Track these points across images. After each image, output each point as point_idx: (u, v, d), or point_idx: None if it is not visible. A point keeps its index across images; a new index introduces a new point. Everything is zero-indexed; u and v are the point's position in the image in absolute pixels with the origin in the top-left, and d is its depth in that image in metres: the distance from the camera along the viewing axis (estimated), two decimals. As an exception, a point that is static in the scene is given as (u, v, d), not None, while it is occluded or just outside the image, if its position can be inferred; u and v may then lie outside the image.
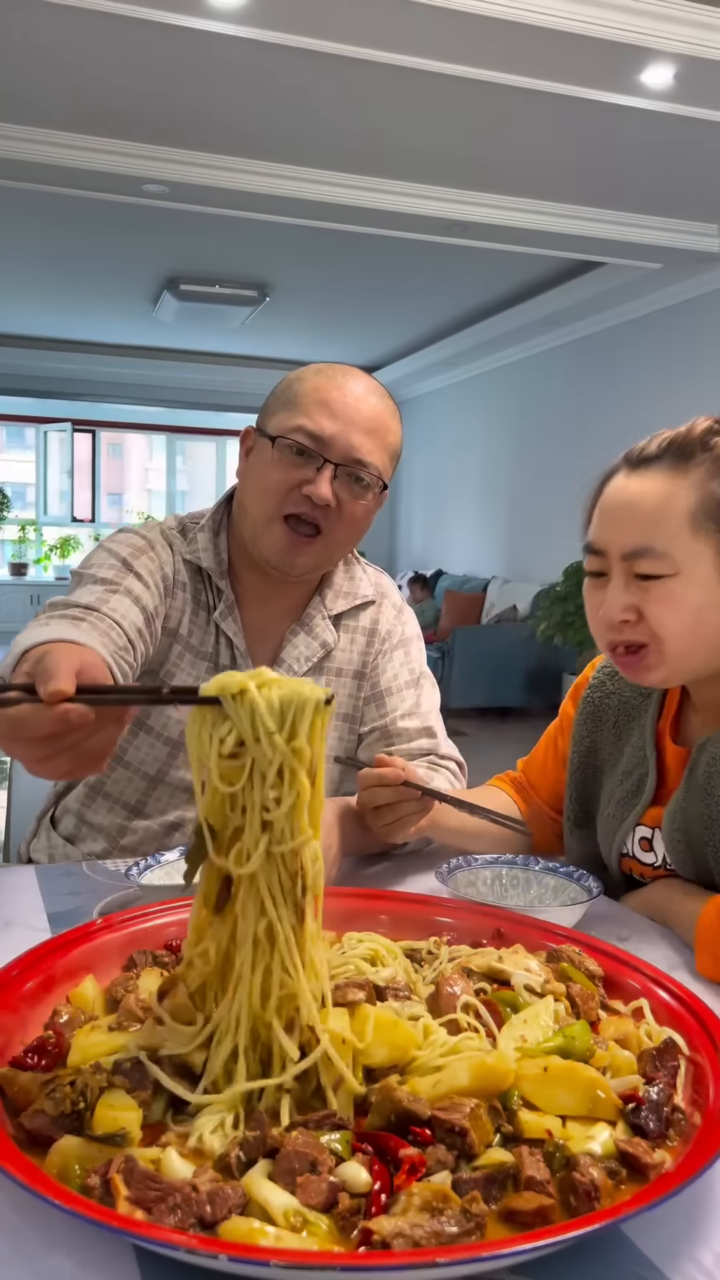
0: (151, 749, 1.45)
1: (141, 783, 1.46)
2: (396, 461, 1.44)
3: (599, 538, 1.15)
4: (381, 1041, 0.72)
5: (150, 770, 1.45)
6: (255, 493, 1.39)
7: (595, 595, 1.16)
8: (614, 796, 1.28)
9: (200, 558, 1.44)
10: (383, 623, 1.54)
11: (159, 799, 1.46)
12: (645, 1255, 0.61)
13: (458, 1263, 0.53)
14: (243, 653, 1.44)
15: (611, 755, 1.32)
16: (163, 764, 1.45)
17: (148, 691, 0.84)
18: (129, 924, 0.95)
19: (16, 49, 3.91)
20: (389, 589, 1.59)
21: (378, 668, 1.52)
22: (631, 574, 1.10)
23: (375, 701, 1.51)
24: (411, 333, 9.13)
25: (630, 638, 1.11)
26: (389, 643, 1.53)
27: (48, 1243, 0.59)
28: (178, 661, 1.42)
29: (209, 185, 5.08)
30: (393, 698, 1.50)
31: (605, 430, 7.32)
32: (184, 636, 1.43)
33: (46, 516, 11.88)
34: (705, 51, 3.79)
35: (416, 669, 1.54)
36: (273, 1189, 0.60)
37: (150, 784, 1.45)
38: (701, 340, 6.47)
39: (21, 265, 7.32)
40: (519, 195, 5.43)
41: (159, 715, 1.43)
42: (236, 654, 1.44)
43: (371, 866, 1.32)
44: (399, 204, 5.33)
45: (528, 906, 1.11)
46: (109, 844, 1.47)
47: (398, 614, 1.57)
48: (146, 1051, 0.71)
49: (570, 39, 3.68)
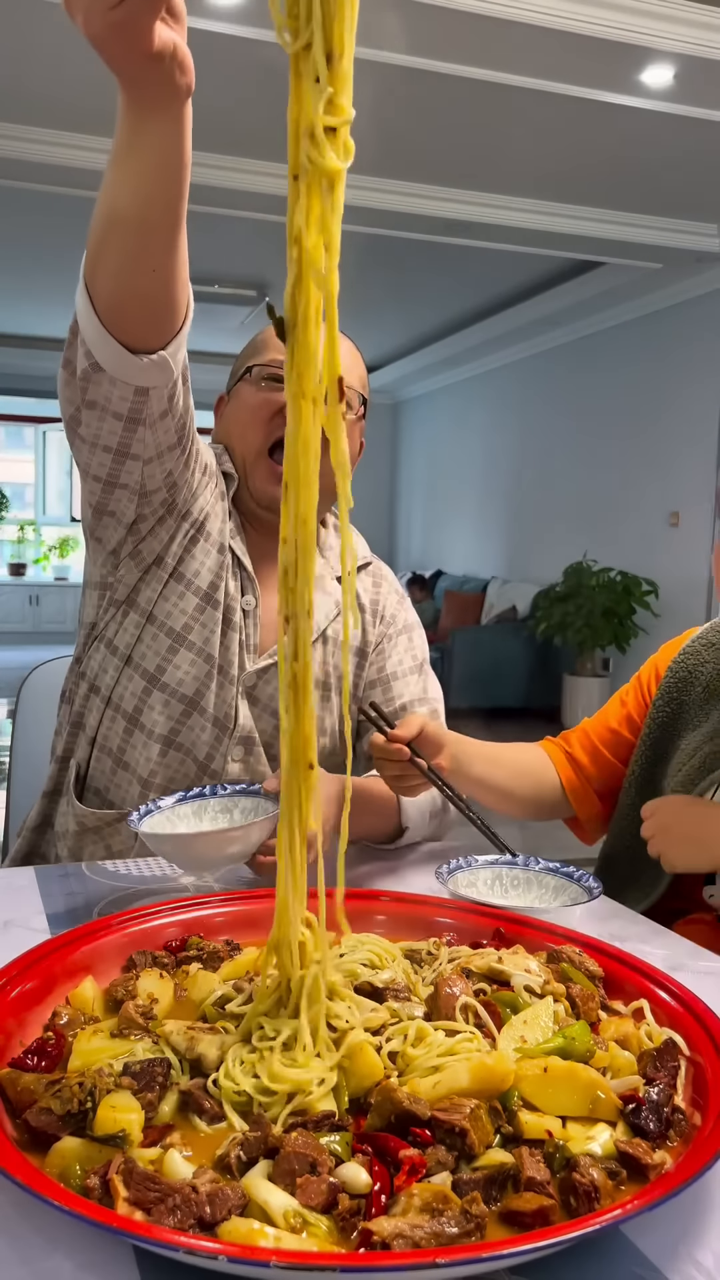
0: (166, 708, 1.41)
1: (156, 745, 1.42)
2: (362, 400, 1.44)
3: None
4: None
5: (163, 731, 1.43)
6: (237, 430, 1.43)
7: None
8: (698, 753, 1.31)
9: (230, 468, 1.47)
10: (387, 605, 1.54)
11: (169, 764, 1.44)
12: (645, 1255, 0.61)
13: (458, 1263, 0.53)
14: (250, 574, 1.44)
15: (695, 718, 1.35)
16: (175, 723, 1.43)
17: None
18: (129, 924, 0.95)
19: (16, 49, 3.91)
20: (387, 572, 1.61)
21: (383, 651, 1.52)
22: None
23: (381, 685, 1.52)
24: (411, 333, 9.13)
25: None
26: (394, 627, 1.54)
27: (48, 1243, 0.59)
28: (191, 549, 1.41)
29: (208, 185, 5.08)
30: (398, 682, 1.51)
31: (605, 430, 7.32)
32: (213, 535, 1.42)
33: (45, 516, 11.88)
34: (705, 51, 3.79)
35: (420, 656, 1.56)
36: (272, 1190, 0.60)
37: (164, 746, 1.43)
38: (701, 340, 6.47)
39: (21, 265, 7.31)
40: (519, 195, 5.43)
41: (174, 672, 1.40)
42: (245, 576, 1.44)
43: (372, 866, 1.33)
44: (399, 204, 5.33)
45: (528, 906, 1.11)
46: (142, 787, 1.44)
47: (400, 599, 1.58)
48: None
49: (570, 39, 3.68)
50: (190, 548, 1.41)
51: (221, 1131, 0.68)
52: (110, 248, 1.04)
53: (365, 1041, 0.73)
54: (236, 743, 1.43)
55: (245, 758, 1.44)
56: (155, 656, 1.40)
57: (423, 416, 10.88)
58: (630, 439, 7.05)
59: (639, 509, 6.95)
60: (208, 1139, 0.68)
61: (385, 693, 1.51)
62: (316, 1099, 0.68)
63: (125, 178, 0.99)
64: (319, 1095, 0.69)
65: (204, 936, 0.96)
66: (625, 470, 7.10)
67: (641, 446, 6.94)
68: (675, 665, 1.41)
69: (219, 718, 1.41)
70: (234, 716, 1.41)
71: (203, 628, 1.40)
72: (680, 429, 6.58)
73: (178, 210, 1.02)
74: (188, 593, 1.40)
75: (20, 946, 0.87)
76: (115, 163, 0.99)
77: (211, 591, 1.40)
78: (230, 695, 1.41)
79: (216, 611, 1.40)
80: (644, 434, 6.91)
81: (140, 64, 0.87)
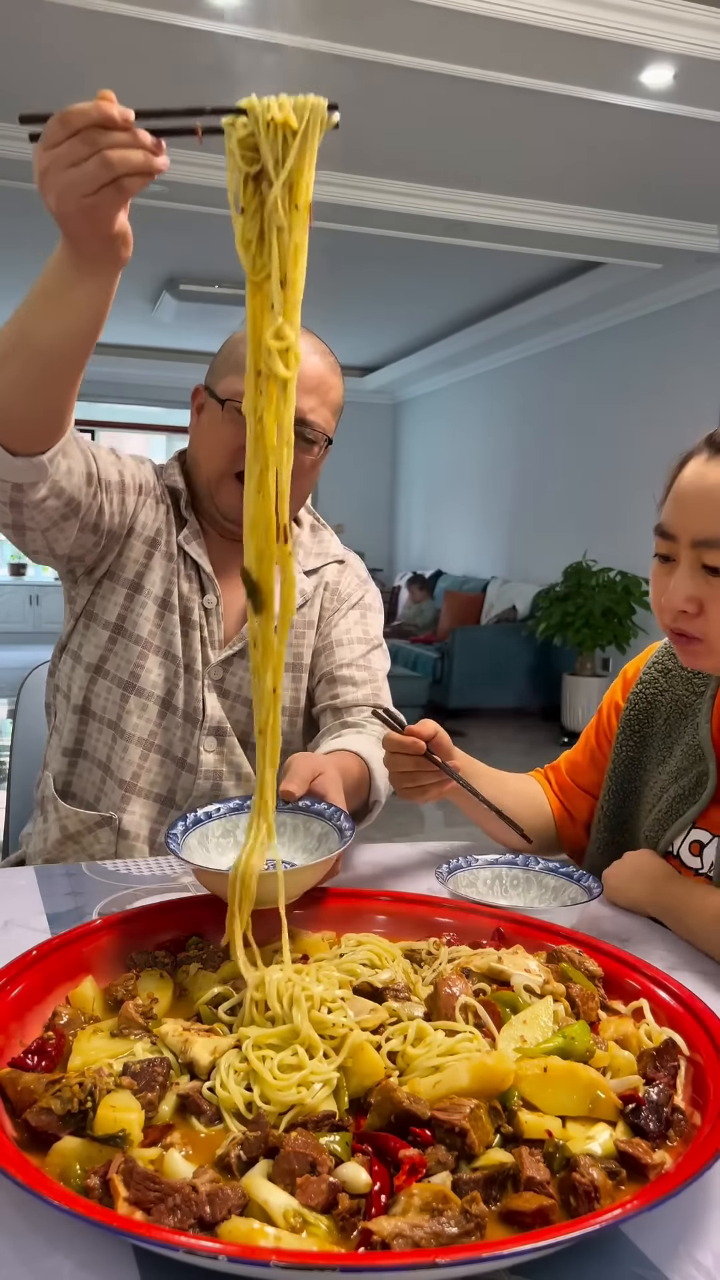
0: (144, 712, 1.46)
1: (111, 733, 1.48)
2: (338, 416, 1.48)
3: (671, 522, 1.11)
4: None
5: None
6: (205, 451, 1.46)
7: (661, 580, 1.13)
8: (666, 794, 1.27)
9: (176, 482, 1.51)
10: (345, 585, 1.60)
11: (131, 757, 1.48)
12: (645, 1255, 0.61)
13: (458, 1263, 0.53)
14: (209, 575, 1.48)
15: (659, 752, 1.31)
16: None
17: (187, 112, 0.96)
18: (129, 924, 0.95)
19: (17, 49, 3.92)
20: (355, 561, 1.66)
21: (331, 621, 1.57)
22: (699, 563, 1.08)
23: (325, 651, 1.55)
24: (411, 333, 9.12)
25: (687, 629, 1.10)
26: (347, 603, 1.58)
27: (48, 1243, 0.59)
28: (145, 561, 1.47)
29: (209, 185, 5.08)
30: (342, 649, 1.54)
31: (605, 430, 7.32)
32: (161, 545, 1.48)
33: (46, 516, 11.87)
34: (705, 51, 3.79)
35: (372, 633, 1.58)
36: (272, 1189, 0.60)
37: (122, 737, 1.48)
38: (701, 340, 6.47)
39: (21, 265, 7.31)
40: (519, 195, 5.43)
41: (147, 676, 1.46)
42: (204, 577, 1.49)
43: (372, 867, 1.32)
44: (399, 204, 5.33)
45: (528, 906, 1.11)
46: (124, 790, 1.46)
47: (361, 582, 1.62)
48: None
49: (570, 39, 3.68)
50: (143, 560, 1.47)
51: (221, 1131, 0.68)
52: (12, 367, 1.08)
53: (365, 1041, 0.73)
54: (208, 734, 1.48)
55: (219, 748, 1.48)
56: (128, 664, 1.46)
57: (423, 416, 10.88)
58: (630, 439, 7.05)
59: (639, 509, 6.94)
60: (208, 1139, 0.68)
61: (329, 657, 1.54)
62: (317, 1102, 0.68)
63: (47, 317, 1.04)
64: (320, 1097, 0.69)
65: (204, 936, 0.96)
66: (625, 470, 7.10)
67: (641, 446, 6.94)
68: (634, 697, 1.36)
69: (189, 712, 1.47)
70: (202, 709, 1.47)
71: (165, 631, 1.47)
72: (680, 429, 6.58)
73: (88, 352, 1.09)
74: (148, 600, 1.47)
75: (20, 946, 0.87)
76: (41, 299, 1.04)
77: (166, 597, 1.47)
78: (197, 689, 1.47)
79: (174, 615, 1.47)
80: (644, 434, 6.91)
81: (98, 242, 0.96)
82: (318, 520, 1.65)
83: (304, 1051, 0.72)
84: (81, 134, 0.88)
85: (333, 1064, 0.71)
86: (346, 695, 1.50)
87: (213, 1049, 0.74)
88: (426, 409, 10.79)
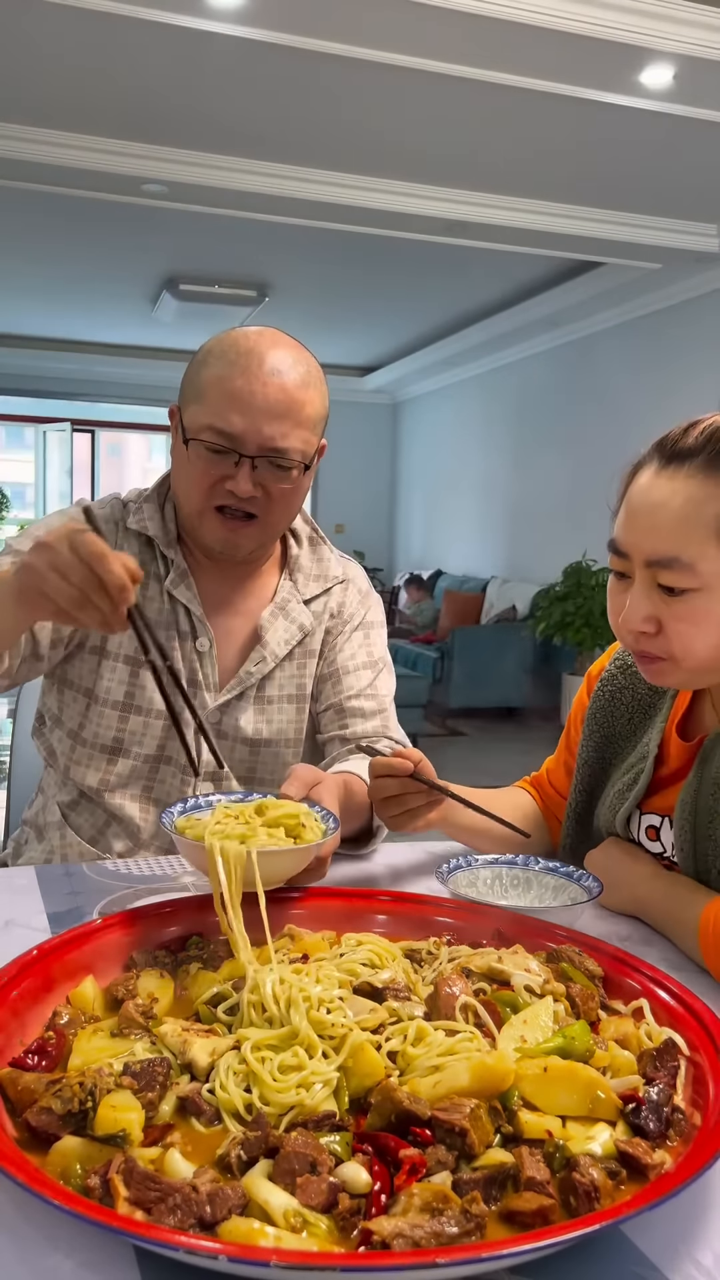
0: (134, 771, 1.46)
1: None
2: (323, 424, 1.40)
3: (623, 538, 1.06)
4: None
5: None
6: (183, 483, 1.40)
7: (618, 597, 1.08)
8: (615, 786, 1.28)
9: (146, 527, 1.45)
10: (346, 605, 1.55)
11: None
12: (645, 1255, 0.61)
13: (458, 1263, 0.53)
14: (200, 618, 1.44)
15: (624, 748, 1.30)
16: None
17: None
18: (129, 924, 0.95)
19: (16, 49, 3.91)
20: (356, 574, 1.60)
21: (335, 646, 1.52)
22: (654, 583, 1.02)
23: (331, 680, 1.51)
24: (411, 333, 9.13)
25: (647, 649, 1.06)
26: (350, 625, 1.54)
27: (48, 1243, 0.59)
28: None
29: (208, 185, 5.08)
30: (349, 676, 1.50)
31: (604, 430, 7.32)
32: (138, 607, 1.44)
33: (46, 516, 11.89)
34: (705, 51, 3.79)
35: (376, 654, 1.54)
36: (272, 1189, 0.60)
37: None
38: (701, 340, 6.47)
39: (21, 265, 7.31)
40: (519, 195, 5.43)
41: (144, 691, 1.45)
42: (195, 620, 1.44)
43: (372, 867, 1.32)
44: (399, 204, 5.33)
45: (528, 906, 1.11)
46: (132, 842, 1.47)
47: (362, 598, 1.57)
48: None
49: (570, 39, 3.68)
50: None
51: (221, 1131, 0.68)
52: None
53: (365, 1041, 0.73)
54: (205, 779, 1.45)
55: (216, 790, 1.45)
56: (109, 730, 1.44)
57: (423, 416, 10.88)
58: (630, 439, 7.04)
59: (639, 509, 6.93)
60: (208, 1139, 0.68)
61: (334, 686, 1.50)
62: (317, 1102, 0.68)
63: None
64: (320, 1097, 0.69)
65: (204, 936, 0.96)
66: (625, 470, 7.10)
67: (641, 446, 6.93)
68: (596, 695, 1.33)
69: (183, 765, 1.44)
70: (198, 757, 1.42)
71: (141, 690, 1.43)
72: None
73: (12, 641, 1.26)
74: (117, 664, 1.43)
75: (20, 946, 0.87)
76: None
77: (136, 655, 1.42)
78: (190, 739, 1.41)
79: (146, 671, 1.41)
80: (644, 434, 6.90)
81: (49, 617, 1.11)
82: (315, 531, 1.57)
83: (304, 1052, 0.72)
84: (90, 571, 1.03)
85: (333, 1064, 0.71)
86: (356, 727, 1.46)
87: (211, 1050, 0.74)
88: (426, 409, 10.78)
